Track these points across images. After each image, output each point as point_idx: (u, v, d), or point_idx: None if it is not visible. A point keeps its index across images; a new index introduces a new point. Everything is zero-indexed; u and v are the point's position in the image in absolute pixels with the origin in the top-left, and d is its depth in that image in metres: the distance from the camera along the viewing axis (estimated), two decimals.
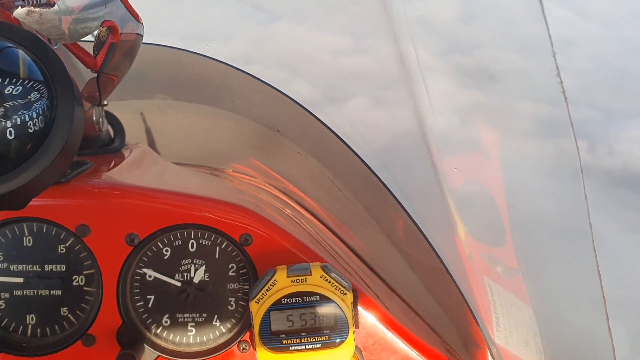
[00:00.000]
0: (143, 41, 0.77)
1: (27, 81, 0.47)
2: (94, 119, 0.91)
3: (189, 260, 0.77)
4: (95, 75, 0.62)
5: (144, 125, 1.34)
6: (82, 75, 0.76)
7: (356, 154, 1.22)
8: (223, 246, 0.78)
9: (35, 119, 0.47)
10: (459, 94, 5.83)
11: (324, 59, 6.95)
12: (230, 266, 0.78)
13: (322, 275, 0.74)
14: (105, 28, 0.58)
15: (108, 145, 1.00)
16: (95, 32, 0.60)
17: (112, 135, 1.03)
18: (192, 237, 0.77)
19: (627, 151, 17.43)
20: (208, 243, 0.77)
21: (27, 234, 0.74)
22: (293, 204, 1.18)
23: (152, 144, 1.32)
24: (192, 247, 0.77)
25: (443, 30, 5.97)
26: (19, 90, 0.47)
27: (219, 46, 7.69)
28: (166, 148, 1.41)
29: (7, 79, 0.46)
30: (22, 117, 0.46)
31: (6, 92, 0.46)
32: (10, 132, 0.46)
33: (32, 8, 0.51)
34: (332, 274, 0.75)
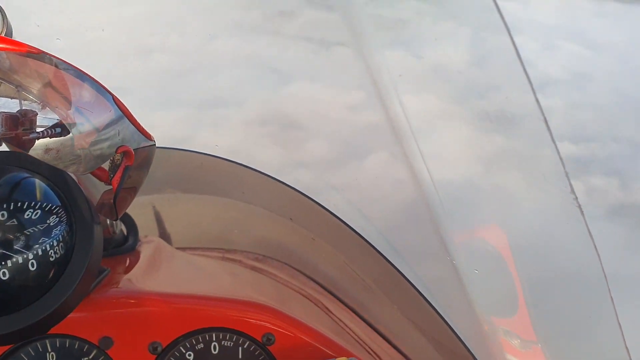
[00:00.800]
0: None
1: (45, 204, 0.49)
2: (108, 222, 0.91)
3: None
4: (109, 187, 0.60)
5: (154, 217, 1.37)
6: (96, 185, 0.72)
7: (369, 243, 1.19)
8: (245, 346, 0.78)
9: (56, 247, 0.48)
10: (480, 141, 5.53)
11: (339, 115, 6.72)
12: None
13: None
14: (119, 154, 0.56)
15: (122, 245, 1.00)
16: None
17: (125, 233, 1.03)
18: (214, 339, 0.77)
19: None
20: (230, 344, 0.78)
21: (50, 350, 0.75)
22: (312, 284, 1.20)
23: (162, 233, 1.32)
24: (215, 349, 0.77)
25: (457, 76, 5.77)
26: (37, 214, 0.48)
27: (234, 112, 7.55)
28: (178, 236, 1.42)
29: (26, 203, 0.48)
30: (44, 247, 0.47)
31: (25, 216, 0.47)
32: (32, 263, 0.47)
33: (48, 143, 0.52)
34: None
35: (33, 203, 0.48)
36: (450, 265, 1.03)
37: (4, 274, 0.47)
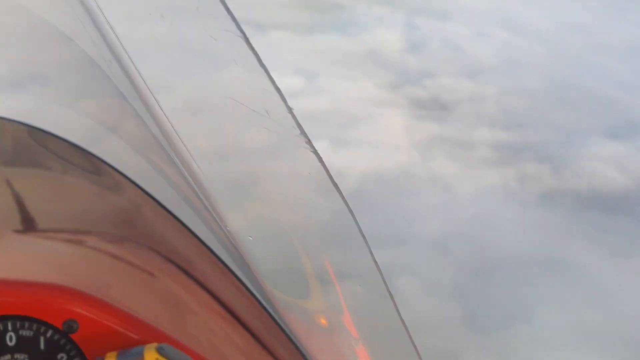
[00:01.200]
0: None
1: None
2: None
3: (9, 357, 0.72)
4: None
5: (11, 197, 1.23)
6: None
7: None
8: (48, 335, 0.73)
9: None
10: (415, 128, 5.59)
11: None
12: (59, 357, 0.73)
13: (157, 359, 0.68)
14: None
15: None
16: None
17: None
18: (10, 329, 0.72)
19: (592, 171, 17.20)
20: (30, 334, 0.73)
21: None
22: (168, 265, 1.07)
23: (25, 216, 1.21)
24: (12, 340, 0.72)
25: (392, 61, 8.40)
26: None
27: (162, 100, 7.97)
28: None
29: None
30: None
31: None
32: None
33: None
34: (169, 355, 0.68)
35: None
36: None
37: None
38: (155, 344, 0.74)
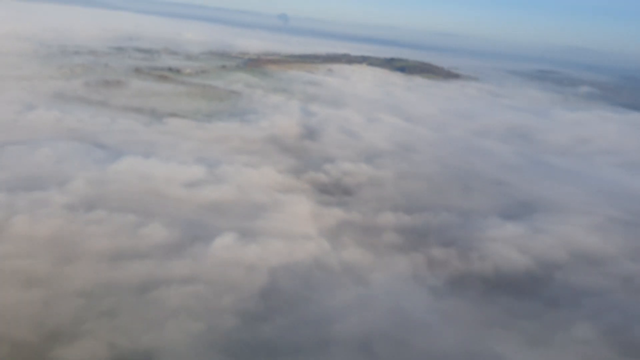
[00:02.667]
0: None
1: None
2: None
3: None
4: None
5: None
6: None
7: None
8: None
9: None
10: (321, 214, 33.55)
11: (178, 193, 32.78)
12: None
13: None
14: None
15: None
16: None
17: None
18: None
19: (495, 252, 18.08)
20: None
21: None
22: None
23: None
24: None
25: (292, 147, 47.04)
26: None
27: (55, 195, 29.54)
28: None
29: None
30: None
31: None
32: None
33: None
34: None
35: None
36: None
37: None
38: None
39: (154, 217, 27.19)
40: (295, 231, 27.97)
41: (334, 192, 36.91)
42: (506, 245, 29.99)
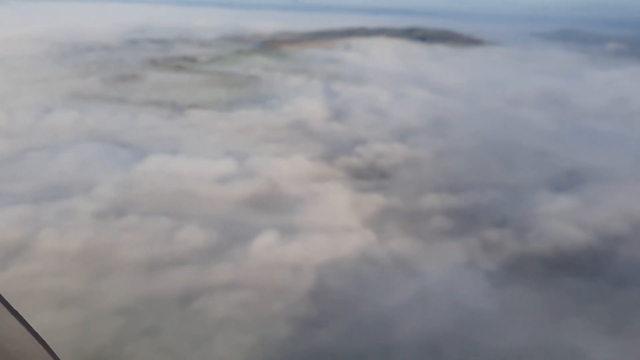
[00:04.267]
0: None
1: None
2: None
3: None
4: None
5: None
6: None
7: None
8: None
9: None
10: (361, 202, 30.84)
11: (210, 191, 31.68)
12: None
13: None
14: None
15: None
16: None
17: None
18: None
19: (550, 229, 14.86)
20: None
21: None
22: None
23: None
24: None
25: (320, 131, 43.16)
26: None
27: (82, 202, 28.42)
28: None
29: None
30: None
31: None
32: None
33: None
34: None
35: None
36: None
37: None
38: None
39: (188, 219, 25.89)
40: (336, 223, 26.37)
41: (370, 176, 35.08)
42: (562, 220, 27.97)
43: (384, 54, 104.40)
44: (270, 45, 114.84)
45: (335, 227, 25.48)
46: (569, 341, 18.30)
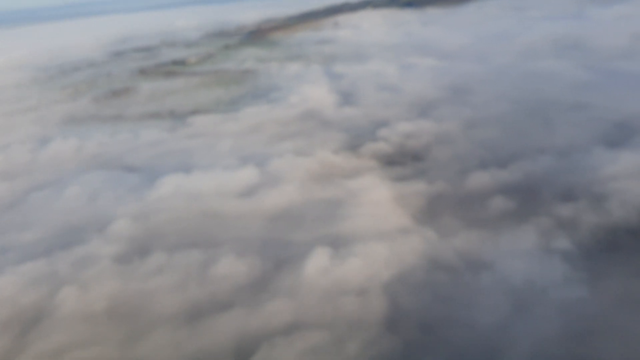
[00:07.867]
0: None
1: None
2: None
3: None
4: None
5: None
6: None
7: None
8: None
9: None
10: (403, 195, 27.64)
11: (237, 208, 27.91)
12: None
13: None
14: None
15: None
16: None
17: None
18: None
19: (623, 193, 26.38)
20: None
21: None
22: None
23: None
24: None
25: (335, 118, 41.23)
26: None
27: (99, 245, 25.22)
28: None
29: None
30: None
31: None
32: None
33: None
34: None
35: None
36: None
37: None
38: None
39: (221, 247, 22.02)
40: (388, 225, 23.03)
41: (403, 161, 31.74)
42: (634, 180, 24.87)
43: (375, 26, 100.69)
44: (257, 35, 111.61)
45: (389, 230, 22.12)
46: None
